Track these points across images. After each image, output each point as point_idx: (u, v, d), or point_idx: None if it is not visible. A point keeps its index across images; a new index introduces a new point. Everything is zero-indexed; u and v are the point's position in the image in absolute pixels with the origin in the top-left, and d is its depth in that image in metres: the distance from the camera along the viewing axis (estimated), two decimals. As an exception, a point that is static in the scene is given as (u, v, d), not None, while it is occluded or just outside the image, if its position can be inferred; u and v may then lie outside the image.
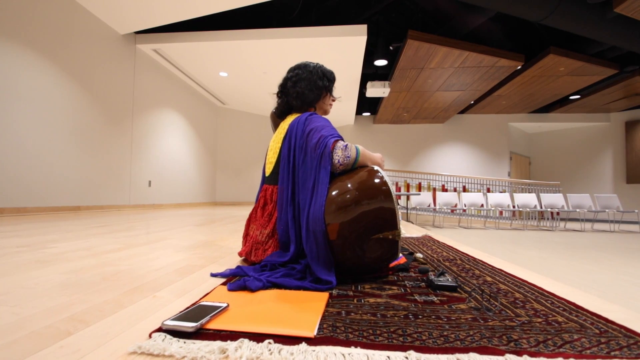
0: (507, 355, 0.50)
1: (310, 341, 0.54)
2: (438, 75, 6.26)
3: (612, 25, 4.99)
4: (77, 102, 4.21)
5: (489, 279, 1.02)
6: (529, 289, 0.90)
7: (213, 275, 1.02)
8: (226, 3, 4.33)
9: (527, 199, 6.90)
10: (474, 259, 1.33)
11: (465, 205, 7.00)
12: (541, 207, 6.83)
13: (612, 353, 0.52)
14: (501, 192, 8.21)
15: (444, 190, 8.66)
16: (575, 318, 0.68)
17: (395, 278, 1.00)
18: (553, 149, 10.41)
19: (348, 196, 0.94)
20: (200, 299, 0.77)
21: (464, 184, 8.75)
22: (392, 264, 1.09)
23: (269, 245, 1.10)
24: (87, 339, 0.57)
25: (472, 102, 8.50)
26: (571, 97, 8.33)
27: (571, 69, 6.21)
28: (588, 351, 0.53)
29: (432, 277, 0.92)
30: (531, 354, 0.51)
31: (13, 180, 3.42)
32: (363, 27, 4.78)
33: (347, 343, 0.54)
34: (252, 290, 0.82)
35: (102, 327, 0.63)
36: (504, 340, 0.57)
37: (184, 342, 0.54)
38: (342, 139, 1.08)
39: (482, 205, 7.00)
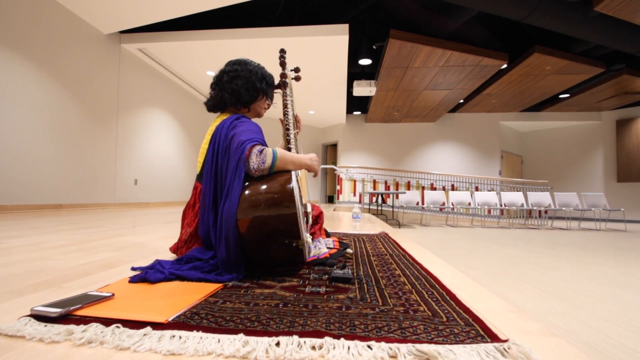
0: (326, 338, 0.54)
1: (158, 326, 0.59)
2: (424, 74, 6.29)
3: (595, 24, 5.02)
4: (59, 101, 4.26)
5: (397, 272, 1.06)
6: (423, 282, 0.94)
7: (133, 269, 1.06)
8: (210, 2, 4.37)
9: (514, 198, 6.93)
10: (404, 255, 1.38)
11: (452, 204, 7.04)
12: (528, 206, 6.86)
13: (435, 339, 0.56)
14: (489, 190, 8.24)
15: (433, 189, 8.70)
16: (436, 307, 0.72)
17: (307, 271, 1.04)
18: (545, 147, 10.43)
19: (257, 197, 0.98)
20: (99, 289, 0.82)
21: (452, 183, 8.78)
22: (310, 259, 1.14)
23: (192, 244, 1.15)
24: (-39, 323, 0.62)
25: (462, 100, 8.52)
26: (561, 96, 8.35)
27: (557, 67, 6.23)
28: (414, 337, 0.57)
29: (335, 269, 0.97)
30: (347, 337, 0.55)
31: (-7, 178, 3.47)
32: (345, 27, 4.81)
33: (192, 327, 0.58)
34: (152, 282, 0.86)
35: (-15, 313, 0.67)
36: (345, 325, 0.61)
37: (44, 326, 0.58)
38: (262, 143, 1.07)
39: (470, 204, 7.04)
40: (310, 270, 1.06)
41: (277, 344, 0.53)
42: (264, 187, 1.00)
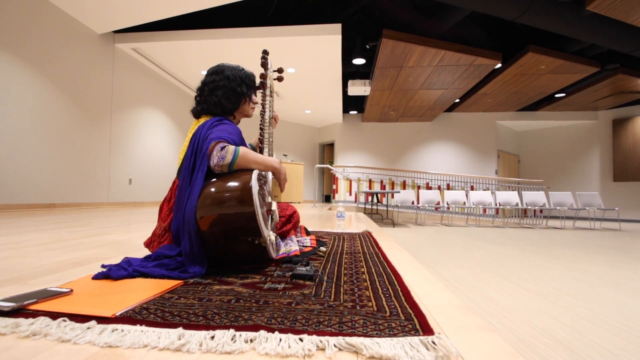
0: (261, 331, 0.56)
1: (103, 320, 0.61)
2: (418, 73, 6.30)
3: (588, 23, 5.02)
4: (52, 101, 4.28)
5: (363, 269, 1.08)
6: (384, 278, 0.96)
7: (103, 266, 1.08)
8: (204, 2, 4.38)
9: (509, 197, 6.94)
10: (377, 253, 1.40)
11: (447, 203, 7.05)
12: (523, 205, 6.87)
13: (369, 332, 0.58)
14: (485, 190, 8.25)
15: (428, 188, 8.72)
16: (384, 303, 0.74)
17: (273, 269, 1.06)
18: (542, 147, 10.44)
19: (217, 194, 1.00)
20: (61, 285, 0.84)
21: (448, 182, 8.80)
22: (279, 257, 1.16)
23: (164, 239, 1.17)
24: None
25: (458, 100, 8.54)
26: (557, 95, 8.35)
27: (552, 67, 6.24)
28: (350, 330, 0.59)
29: (299, 267, 0.99)
30: (283, 331, 0.57)
31: (-15, 177, 3.49)
32: (337, 26, 4.83)
33: (136, 322, 0.60)
34: (114, 278, 0.88)
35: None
36: (287, 320, 0.63)
37: (-4, 320, 0.61)
38: (230, 142, 1.10)
39: (465, 203, 7.05)
40: (277, 267, 1.08)
41: (212, 337, 0.55)
42: (223, 184, 1.02)
